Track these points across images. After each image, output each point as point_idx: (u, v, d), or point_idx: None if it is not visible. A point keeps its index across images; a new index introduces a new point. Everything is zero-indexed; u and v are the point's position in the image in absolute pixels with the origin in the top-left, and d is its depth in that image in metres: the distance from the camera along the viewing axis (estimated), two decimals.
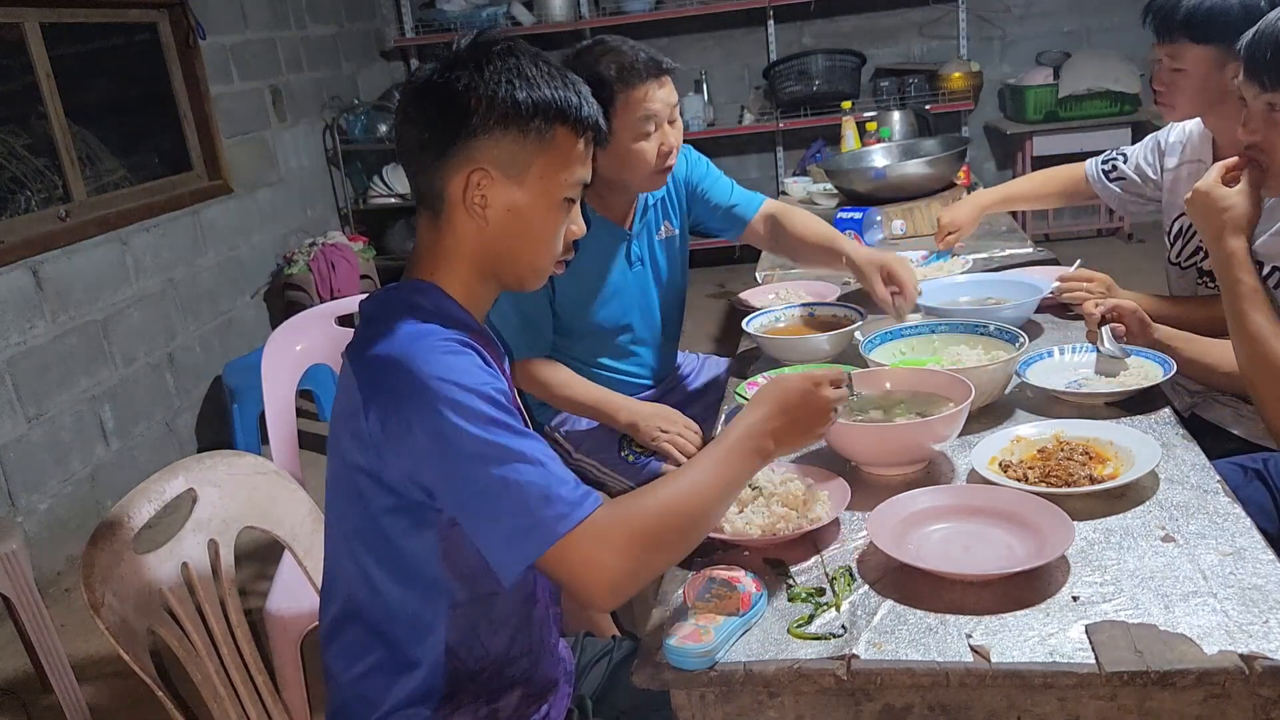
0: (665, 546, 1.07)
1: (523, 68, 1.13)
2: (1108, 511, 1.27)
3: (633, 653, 1.33)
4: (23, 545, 2.30)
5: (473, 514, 1.05)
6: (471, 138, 1.12)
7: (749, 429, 1.16)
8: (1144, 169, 2.17)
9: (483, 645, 1.20)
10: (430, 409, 1.03)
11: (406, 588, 1.15)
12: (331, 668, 1.23)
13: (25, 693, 2.60)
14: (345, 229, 5.23)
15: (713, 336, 4.86)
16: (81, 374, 3.46)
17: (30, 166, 3.51)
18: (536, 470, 1.03)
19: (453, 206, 1.15)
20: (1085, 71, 5.30)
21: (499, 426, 1.04)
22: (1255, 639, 1.00)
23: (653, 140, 1.90)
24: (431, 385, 1.04)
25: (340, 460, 1.14)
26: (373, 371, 1.09)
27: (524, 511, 1.02)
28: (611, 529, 1.03)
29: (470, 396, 1.04)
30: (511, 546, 1.03)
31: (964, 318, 1.82)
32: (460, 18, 5.71)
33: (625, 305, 2.11)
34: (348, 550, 1.17)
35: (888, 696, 1.05)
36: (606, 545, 1.02)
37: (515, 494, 1.02)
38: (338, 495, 1.17)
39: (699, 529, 1.11)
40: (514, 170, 1.14)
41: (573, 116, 1.15)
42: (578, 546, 1.02)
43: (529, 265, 1.20)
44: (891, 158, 3.20)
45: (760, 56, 5.90)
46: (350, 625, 1.20)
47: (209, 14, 4.32)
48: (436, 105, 1.13)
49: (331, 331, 2.25)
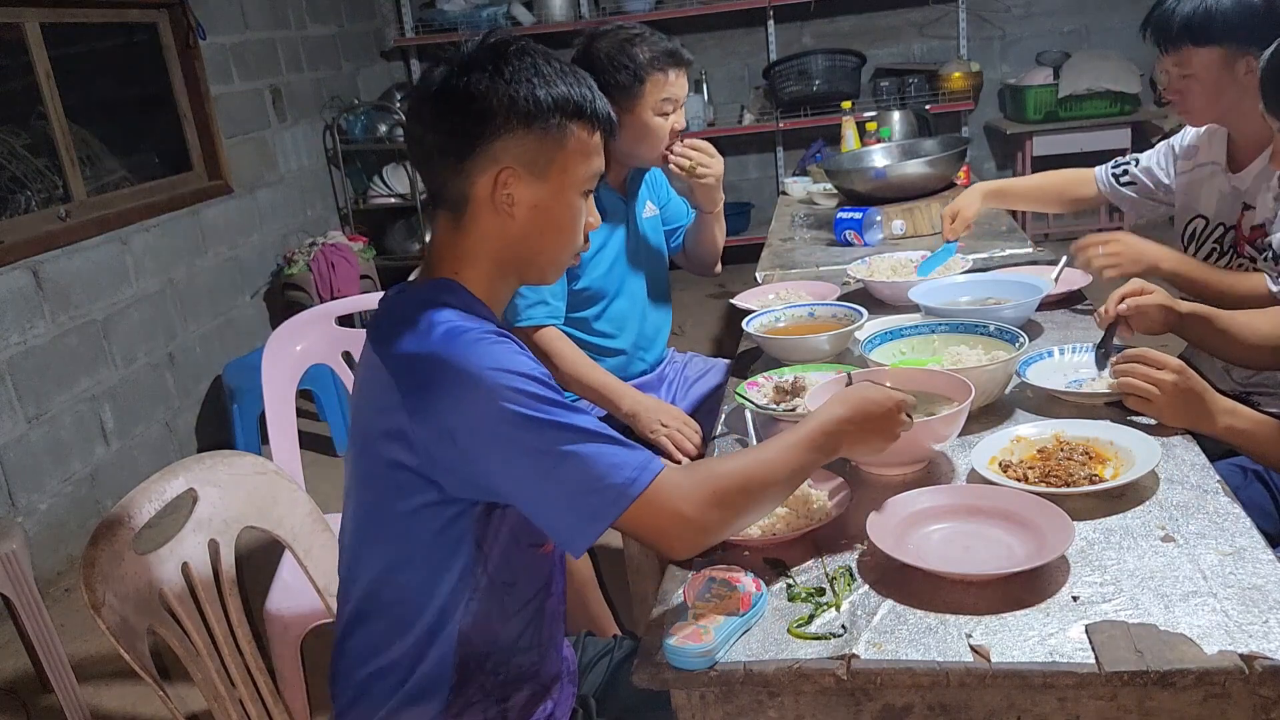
0: (737, 506, 1.12)
1: (539, 67, 1.16)
2: (1108, 511, 1.27)
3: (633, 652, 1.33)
4: (23, 545, 2.30)
5: (540, 494, 1.07)
6: (495, 138, 1.14)
7: (826, 423, 1.21)
8: (1156, 174, 2.16)
9: (494, 632, 1.21)
10: (485, 399, 1.06)
11: (433, 579, 1.16)
12: (346, 662, 1.23)
13: (25, 693, 2.60)
14: (345, 229, 5.23)
15: (713, 336, 4.86)
16: (81, 374, 3.46)
17: (30, 166, 3.51)
18: (599, 441, 1.07)
19: (478, 205, 1.17)
20: (1085, 71, 5.30)
21: (554, 405, 1.08)
22: (1255, 639, 1.00)
23: (669, 120, 2.10)
24: (482, 375, 1.06)
25: (372, 458, 1.14)
26: (415, 370, 1.09)
27: (595, 480, 1.06)
28: (688, 483, 1.09)
29: (523, 380, 1.07)
30: (585, 516, 1.06)
31: (964, 318, 1.82)
32: (460, 18, 5.71)
33: (621, 268, 2.21)
34: (373, 545, 1.18)
35: (888, 696, 1.05)
36: (685, 497, 1.08)
37: (585, 466, 1.06)
38: (367, 491, 1.17)
39: (767, 498, 1.16)
40: (537, 167, 1.17)
41: (588, 111, 1.19)
42: (656, 500, 1.07)
43: (551, 259, 1.24)
44: (891, 158, 3.20)
45: (760, 56, 5.91)
46: (370, 620, 1.20)
47: (209, 14, 4.32)
48: (457, 108, 1.15)
49: (331, 331, 2.25)
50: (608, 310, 2.21)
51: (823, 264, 2.62)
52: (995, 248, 2.54)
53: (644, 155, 2.15)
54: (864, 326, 1.88)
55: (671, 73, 2.07)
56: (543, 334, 2.07)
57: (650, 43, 2.05)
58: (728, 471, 1.13)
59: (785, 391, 1.68)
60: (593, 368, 2.09)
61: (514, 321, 2.06)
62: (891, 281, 2.18)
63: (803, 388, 1.68)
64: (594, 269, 2.16)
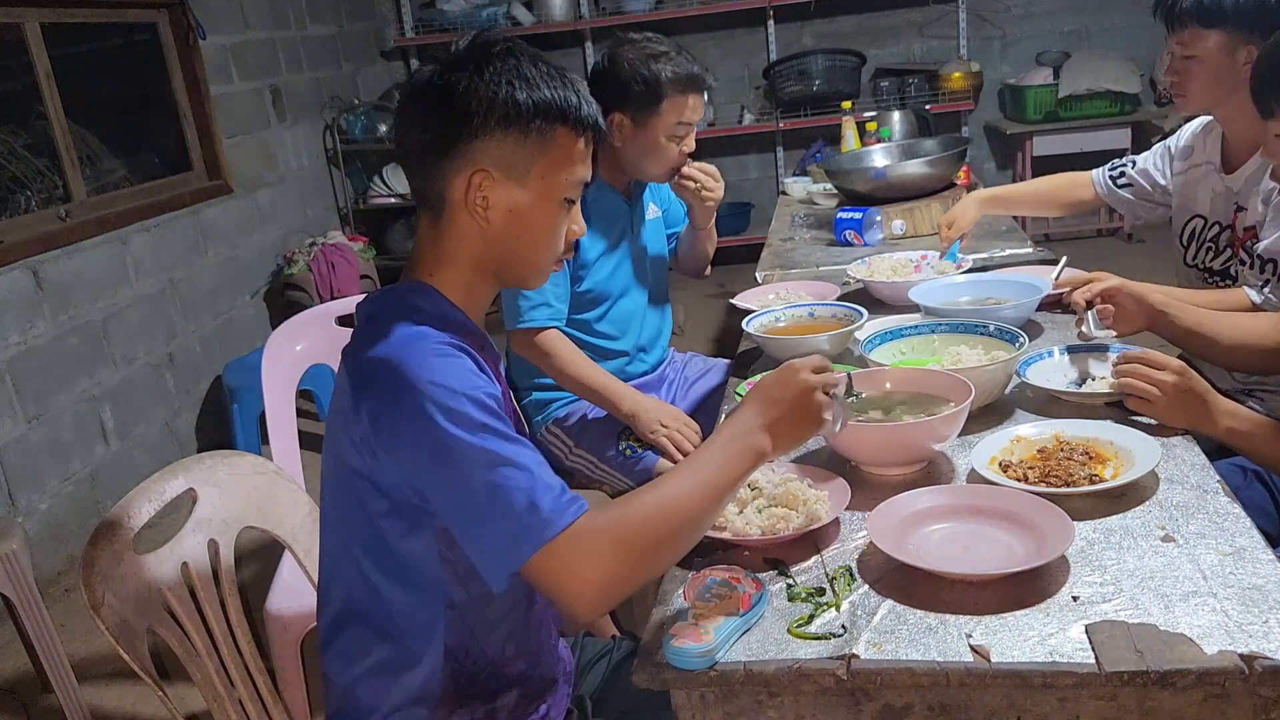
0: (651, 554, 1.05)
1: (522, 68, 1.13)
2: (1108, 511, 1.27)
3: (632, 652, 1.33)
4: (23, 545, 2.30)
5: (461, 519, 1.04)
6: (473, 139, 1.12)
7: (738, 427, 1.12)
8: (1153, 175, 2.16)
9: (480, 646, 1.20)
10: (420, 413, 1.03)
11: (405, 589, 1.15)
12: (330, 670, 1.23)
13: (25, 693, 2.60)
14: (345, 229, 5.23)
15: (712, 337, 4.86)
16: (81, 374, 3.46)
17: (30, 166, 3.51)
18: (524, 475, 1.02)
19: (454, 207, 1.16)
20: (1085, 71, 5.30)
21: (488, 432, 1.03)
22: (1255, 639, 1.00)
23: (681, 144, 2.11)
24: (422, 389, 1.03)
25: (336, 462, 1.14)
26: (366, 373, 1.09)
27: (510, 518, 1.00)
28: (594, 538, 1.01)
29: (461, 400, 1.04)
30: (498, 553, 1.02)
31: (964, 318, 1.82)
32: (460, 18, 5.71)
33: (625, 271, 2.21)
34: (345, 552, 1.17)
35: (888, 696, 1.05)
36: (588, 555, 1.00)
37: (503, 500, 1.01)
38: (335, 498, 1.17)
39: (688, 535, 1.08)
40: (515, 171, 1.14)
41: (573, 116, 1.15)
42: (560, 555, 1.00)
43: (531, 265, 1.21)
44: (891, 158, 3.20)
45: (760, 56, 5.90)
46: (349, 627, 1.20)
47: (209, 14, 4.32)
48: (437, 107, 1.13)
49: (331, 331, 2.25)
50: (610, 312, 2.21)
51: (823, 264, 2.62)
52: (995, 248, 2.55)
53: (648, 171, 2.15)
54: (864, 326, 1.88)
55: (691, 97, 2.07)
56: (544, 336, 2.07)
57: (675, 63, 2.05)
58: (633, 517, 1.04)
59: None
60: (592, 368, 2.09)
61: (516, 323, 2.06)
62: (891, 281, 2.18)
63: None
64: (598, 271, 2.16)
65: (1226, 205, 1.96)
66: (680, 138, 2.10)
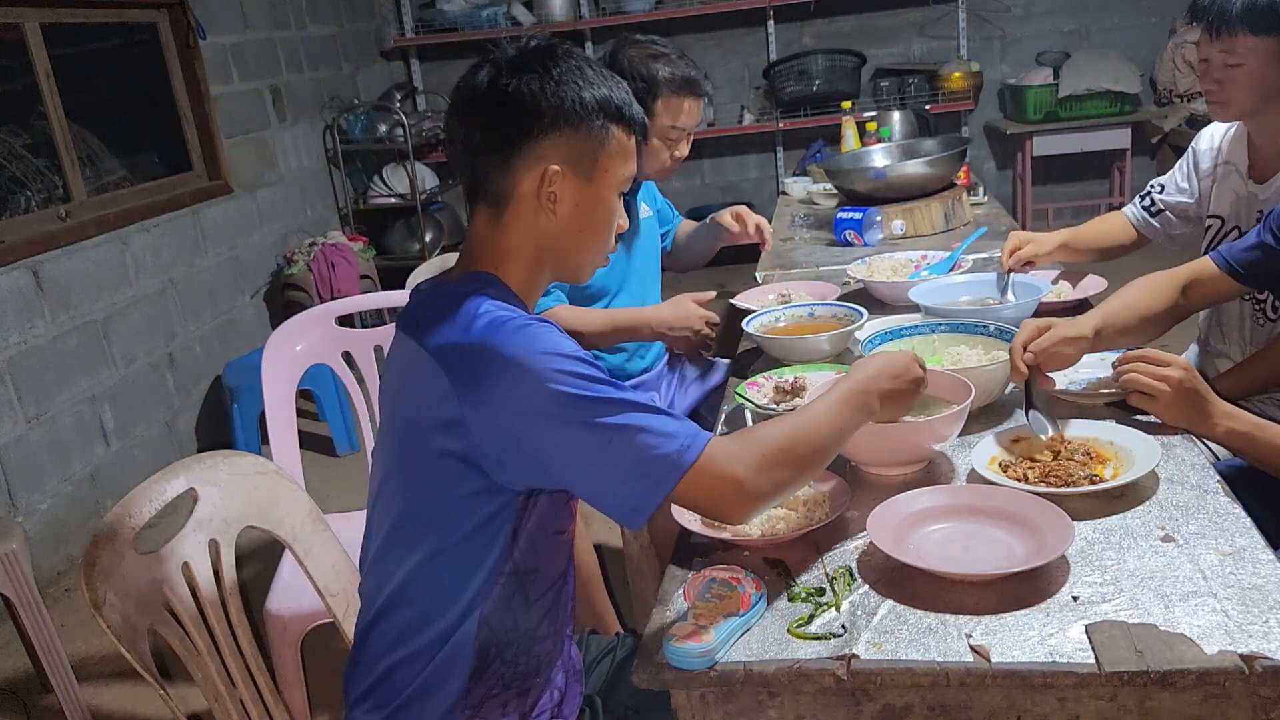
0: (790, 466, 1.15)
1: (584, 70, 1.20)
2: (1108, 511, 1.27)
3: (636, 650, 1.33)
4: (23, 545, 2.30)
5: (595, 471, 1.09)
6: (543, 137, 1.18)
7: (860, 384, 1.26)
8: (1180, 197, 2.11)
9: (514, 619, 1.22)
10: (534, 383, 1.08)
11: (469, 568, 1.17)
12: (369, 652, 1.24)
13: (25, 693, 2.60)
14: (345, 229, 5.23)
15: None
16: (81, 374, 3.46)
17: (30, 166, 3.51)
18: (649, 414, 1.10)
19: (520, 202, 1.20)
20: (1085, 71, 5.30)
21: (600, 382, 1.10)
22: (1255, 639, 1.00)
23: (672, 147, 2.12)
24: (529, 360, 1.09)
25: (419, 449, 1.16)
26: (463, 359, 1.11)
27: (649, 451, 1.08)
28: (741, 448, 1.12)
29: (570, 362, 1.10)
30: (643, 488, 1.08)
31: (964, 318, 1.82)
32: (460, 18, 5.71)
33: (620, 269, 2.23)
34: (411, 534, 1.19)
35: (888, 696, 1.05)
36: (738, 461, 1.11)
37: (637, 438, 1.08)
38: (411, 480, 1.18)
39: (817, 458, 1.19)
40: (582, 166, 1.20)
41: (627, 115, 1.23)
42: (710, 469, 1.09)
43: (588, 258, 1.28)
44: (891, 158, 3.19)
45: (760, 56, 5.91)
46: (399, 609, 1.21)
47: (209, 14, 4.32)
48: (507, 107, 1.17)
49: (331, 331, 2.25)
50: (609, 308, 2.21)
51: (823, 264, 2.62)
52: (995, 248, 2.54)
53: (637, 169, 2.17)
54: (864, 326, 1.88)
55: (687, 101, 2.07)
56: (552, 314, 2.08)
57: (673, 65, 2.06)
58: (776, 435, 1.16)
59: (785, 391, 1.69)
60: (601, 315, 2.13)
61: None
62: (891, 281, 2.18)
63: (803, 388, 1.68)
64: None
65: (1249, 210, 1.94)
66: (674, 141, 2.10)
